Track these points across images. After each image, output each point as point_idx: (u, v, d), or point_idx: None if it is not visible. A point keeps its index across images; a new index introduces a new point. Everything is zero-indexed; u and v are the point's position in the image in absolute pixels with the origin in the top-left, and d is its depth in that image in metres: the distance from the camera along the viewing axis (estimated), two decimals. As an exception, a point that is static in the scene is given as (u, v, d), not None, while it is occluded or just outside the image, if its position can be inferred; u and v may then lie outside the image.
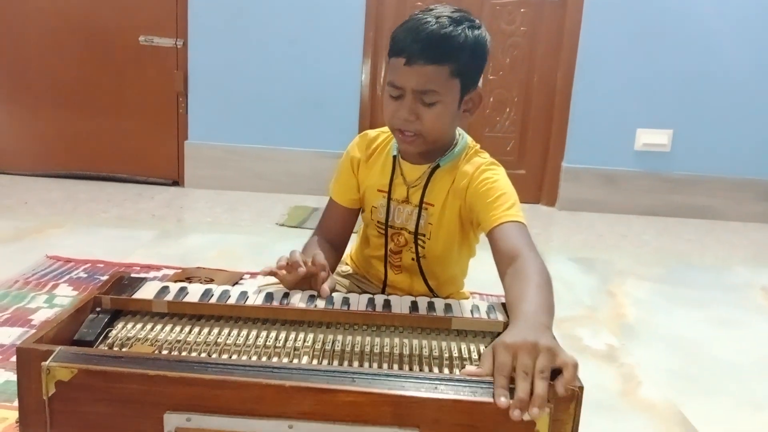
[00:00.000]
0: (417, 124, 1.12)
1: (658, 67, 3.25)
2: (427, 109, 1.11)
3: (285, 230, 2.66)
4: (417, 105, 1.11)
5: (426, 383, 0.75)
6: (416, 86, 1.10)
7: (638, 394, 1.45)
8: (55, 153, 3.40)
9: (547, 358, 0.75)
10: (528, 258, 1.01)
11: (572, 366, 0.74)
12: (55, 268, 1.97)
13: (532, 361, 0.74)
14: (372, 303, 1.02)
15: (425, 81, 1.10)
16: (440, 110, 1.12)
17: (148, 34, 3.26)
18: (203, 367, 0.76)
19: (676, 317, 1.97)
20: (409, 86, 1.10)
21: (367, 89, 3.35)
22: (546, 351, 0.75)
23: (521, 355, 0.75)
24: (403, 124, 1.13)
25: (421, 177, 1.22)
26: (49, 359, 0.76)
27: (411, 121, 1.12)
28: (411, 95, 1.11)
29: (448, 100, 1.13)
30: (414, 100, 1.11)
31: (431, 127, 1.13)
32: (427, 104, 1.11)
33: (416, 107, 1.11)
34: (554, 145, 3.42)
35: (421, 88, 1.10)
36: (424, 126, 1.12)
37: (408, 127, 1.13)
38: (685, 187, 3.37)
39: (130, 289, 1.02)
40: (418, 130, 1.13)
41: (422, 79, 1.09)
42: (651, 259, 2.62)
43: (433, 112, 1.12)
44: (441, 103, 1.12)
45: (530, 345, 0.76)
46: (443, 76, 1.10)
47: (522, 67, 3.35)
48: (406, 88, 1.11)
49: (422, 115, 1.12)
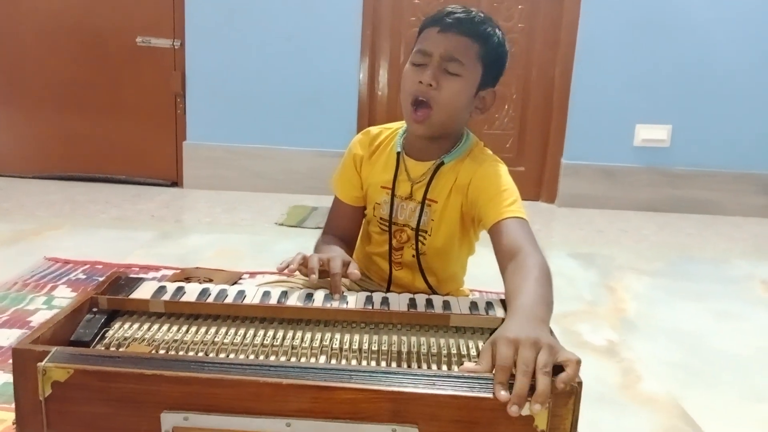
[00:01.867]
0: (434, 93, 1.12)
1: (657, 62, 3.25)
2: (448, 78, 1.12)
3: (284, 230, 2.66)
4: (440, 72, 1.12)
5: (424, 380, 0.75)
6: (444, 51, 1.12)
7: (639, 388, 1.45)
8: (54, 155, 3.40)
9: (549, 354, 0.74)
10: (529, 253, 1.01)
11: (575, 363, 0.74)
12: (53, 269, 1.96)
13: (533, 356, 0.74)
14: (370, 301, 1.02)
15: (454, 48, 1.12)
16: (460, 85, 1.13)
17: (146, 35, 3.25)
18: (200, 365, 0.76)
19: (677, 311, 1.97)
20: (437, 51, 1.12)
21: (365, 87, 3.34)
22: (548, 347, 0.75)
23: (523, 350, 0.74)
24: (420, 89, 1.13)
25: (425, 173, 1.22)
26: (45, 360, 0.76)
27: (431, 87, 1.12)
28: (437, 61, 1.12)
29: (469, 80, 1.14)
30: (438, 68, 1.12)
31: (447, 100, 1.13)
32: (450, 73, 1.12)
33: (439, 74, 1.12)
34: (553, 142, 3.41)
35: (449, 55, 1.12)
36: (441, 96, 1.13)
37: (425, 92, 1.13)
38: (685, 181, 3.37)
39: (127, 289, 1.02)
40: (433, 98, 1.13)
41: (452, 46, 1.12)
42: (651, 253, 2.62)
43: (454, 83, 1.13)
44: (462, 78, 1.13)
45: (532, 340, 0.75)
46: (471, 52, 1.13)
47: (520, 64, 3.34)
48: (434, 53, 1.12)
49: (442, 84, 1.12)
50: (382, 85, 3.40)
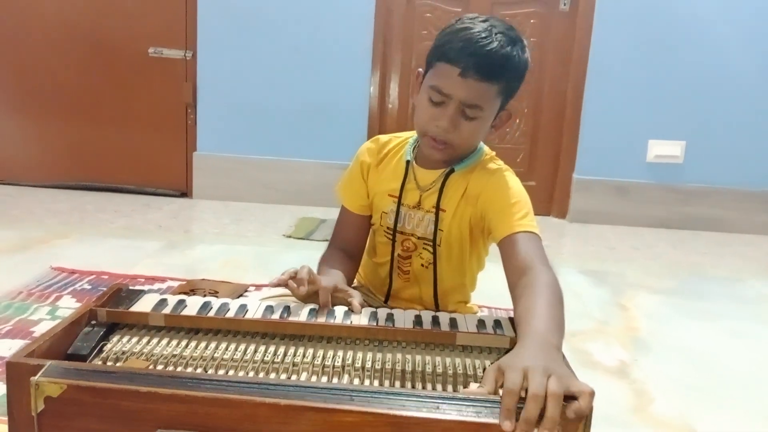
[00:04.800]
0: (453, 136, 1.11)
1: (670, 78, 3.22)
2: (467, 122, 1.11)
3: (292, 242, 2.64)
4: (458, 117, 1.10)
5: (428, 402, 0.72)
6: (465, 99, 1.08)
7: (650, 411, 1.41)
8: (64, 164, 3.41)
9: (560, 384, 0.71)
10: (540, 271, 0.98)
11: (588, 394, 0.71)
12: (59, 279, 1.95)
13: (544, 383, 0.71)
14: (374, 317, 0.99)
15: (475, 96, 1.08)
16: (478, 125, 1.12)
17: (158, 45, 3.27)
18: (196, 383, 0.74)
19: (689, 331, 1.93)
20: (457, 97, 1.08)
21: (376, 100, 3.34)
22: (559, 377, 0.72)
23: (533, 377, 0.71)
24: (440, 133, 1.11)
25: (435, 182, 1.20)
26: (38, 374, 0.74)
27: (449, 132, 1.10)
28: (456, 106, 1.09)
29: (487, 116, 1.13)
30: (457, 112, 1.09)
31: (466, 140, 1.13)
32: (469, 118, 1.10)
33: (457, 119, 1.10)
34: (565, 157, 3.38)
35: (470, 102, 1.09)
36: (460, 138, 1.12)
37: (443, 136, 1.11)
38: (698, 198, 3.32)
39: (127, 302, 1.00)
40: (451, 140, 1.12)
41: (473, 94, 1.08)
42: (663, 271, 2.58)
43: (472, 126, 1.11)
44: (480, 119, 1.11)
45: (542, 368, 0.72)
46: (491, 94, 1.10)
47: (532, 78, 3.32)
48: (454, 98, 1.09)
49: (461, 128, 1.11)
50: (393, 97, 3.40)
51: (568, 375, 0.73)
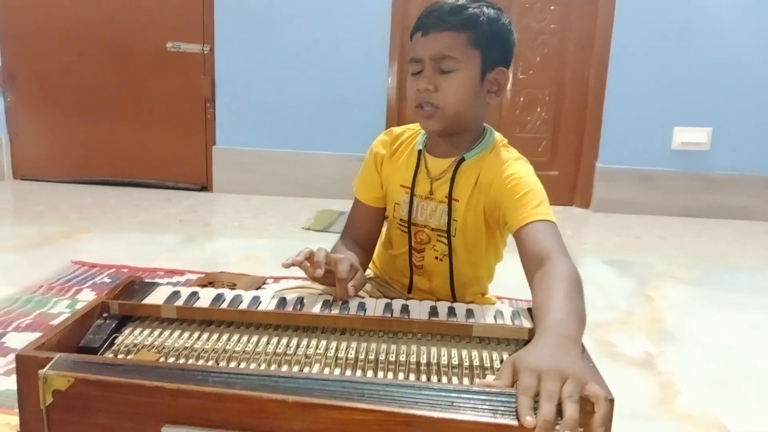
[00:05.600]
0: (435, 96, 1.10)
1: (695, 63, 3.14)
2: (445, 77, 1.09)
3: (311, 234, 2.63)
4: (435, 74, 1.09)
5: (442, 396, 0.70)
6: (433, 53, 1.09)
7: (676, 403, 1.37)
8: (86, 160, 3.44)
9: (575, 386, 0.68)
10: (558, 261, 0.95)
11: (604, 401, 0.67)
12: (79, 273, 1.96)
13: (558, 387, 0.68)
14: (389, 308, 0.97)
15: (441, 47, 1.08)
16: (459, 79, 1.09)
17: (176, 40, 3.27)
18: (204, 377, 0.72)
19: (716, 322, 1.88)
20: (426, 54, 1.09)
21: (394, 91, 3.31)
22: (574, 378, 0.69)
23: (546, 380, 0.68)
24: (422, 96, 1.10)
25: (445, 171, 1.17)
26: (47, 367, 0.73)
27: (429, 92, 1.09)
28: (429, 65, 1.09)
29: (468, 71, 1.10)
30: (432, 70, 1.09)
31: (450, 97, 1.10)
32: (445, 72, 1.09)
33: (434, 76, 1.09)
34: (588, 145, 3.32)
35: (438, 54, 1.08)
36: (443, 96, 1.10)
37: (426, 98, 1.10)
38: (725, 186, 3.24)
39: (140, 294, 0.99)
40: (436, 100, 1.10)
41: (438, 46, 1.09)
42: (689, 261, 2.52)
43: (452, 80, 1.09)
44: (459, 72, 1.09)
45: (556, 371, 0.69)
46: (460, 44, 1.09)
47: (553, 65, 3.27)
48: (424, 57, 1.10)
49: (440, 85, 1.09)
50: (412, 88, 3.36)
51: (584, 375, 0.70)
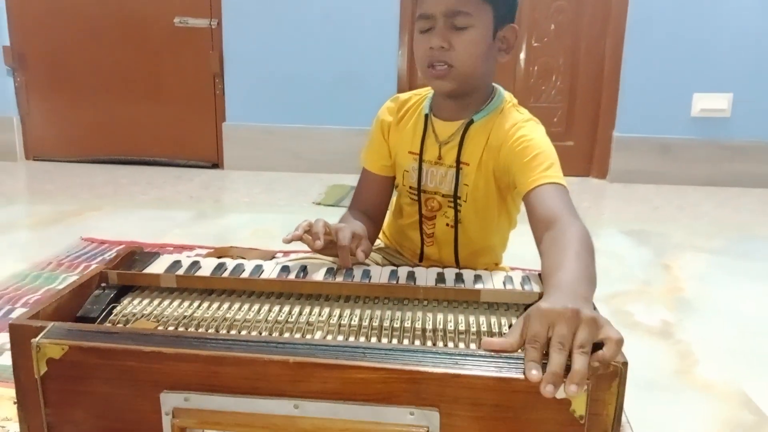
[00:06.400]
0: (449, 54, 1.05)
1: (716, 26, 3.04)
2: (459, 33, 1.04)
3: (322, 209, 2.61)
4: (448, 31, 1.04)
5: (445, 358, 0.67)
6: (447, 9, 1.03)
7: (695, 373, 1.33)
8: (97, 139, 3.44)
9: (589, 332, 0.65)
10: (567, 223, 0.91)
11: (615, 341, 0.65)
12: (88, 249, 1.96)
13: (570, 332, 0.65)
14: (395, 275, 0.94)
15: (454, 2, 1.03)
16: (473, 36, 1.04)
17: (183, 15, 3.23)
18: (202, 342, 0.70)
19: (736, 291, 1.83)
20: (438, 10, 1.04)
21: (405, 65, 3.25)
22: (588, 322, 0.65)
23: (559, 325, 0.65)
24: (435, 55, 1.05)
25: (454, 134, 1.14)
26: (40, 336, 0.71)
27: (444, 50, 1.04)
28: (442, 21, 1.04)
29: (481, 27, 1.05)
30: (445, 26, 1.04)
31: (464, 55, 1.05)
32: (458, 28, 1.04)
33: (448, 33, 1.04)
34: (604, 114, 3.25)
35: (451, 10, 1.03)
36: (457, 53, 1.05)
37: (440, 57, 1.05)
38: (746, 154, 3.16)
39: (140, 264, 0.97)
40: (450, 59, 1.05)
41: (450, 0, 1.03)
42: (709, 230, 2.46)
43: (466, 37, 1.04)
44: (473, 28, 1.04)
45: (570, 314, 0.66)
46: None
47: (568, 33, 3.19)
48: (436, 13, 1.04)
49: (454, 42, 1.04)
50: (423, 60, 3.30)
51: (599, 319, 0.67)
